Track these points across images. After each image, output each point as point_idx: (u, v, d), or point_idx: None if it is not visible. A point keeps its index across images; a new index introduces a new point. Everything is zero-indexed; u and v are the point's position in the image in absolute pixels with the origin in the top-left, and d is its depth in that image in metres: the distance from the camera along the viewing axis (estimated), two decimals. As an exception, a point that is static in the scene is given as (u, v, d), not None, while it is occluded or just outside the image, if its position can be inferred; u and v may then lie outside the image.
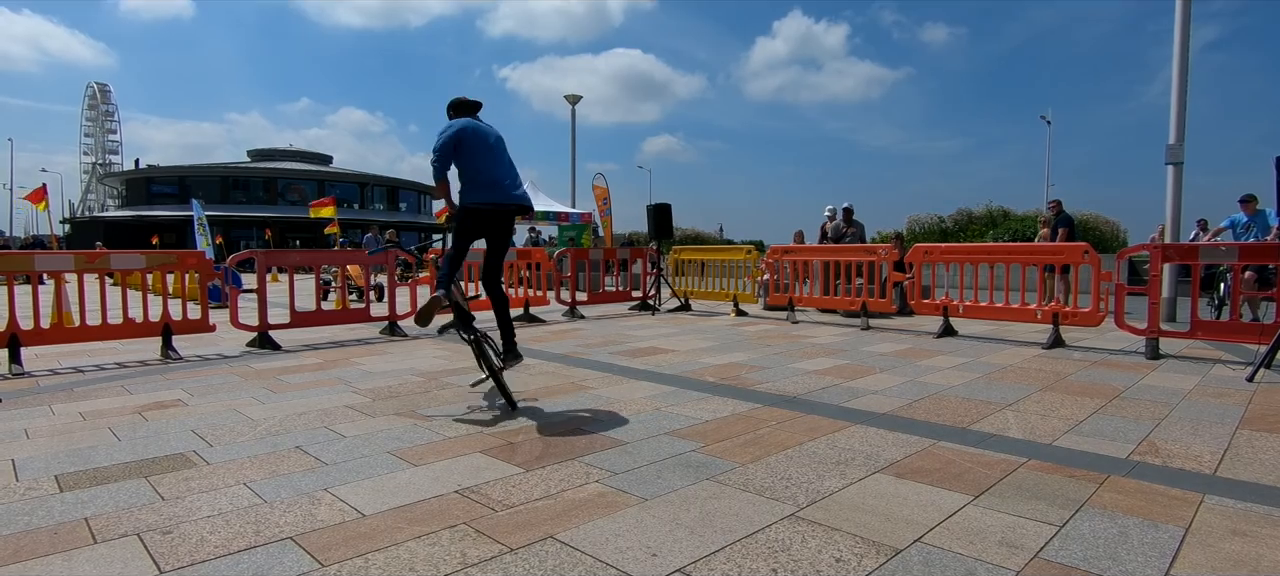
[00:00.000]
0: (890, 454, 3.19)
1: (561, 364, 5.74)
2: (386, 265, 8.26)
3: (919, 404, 4.21)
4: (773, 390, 4.64)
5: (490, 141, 4.27)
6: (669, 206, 11.61)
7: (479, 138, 4.23)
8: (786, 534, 2.30)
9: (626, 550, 2.18)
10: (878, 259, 8.56)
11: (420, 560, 2.11)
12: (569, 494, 2.68)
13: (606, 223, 18.22)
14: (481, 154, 4.21)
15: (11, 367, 5.45)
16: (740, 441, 3.41)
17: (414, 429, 3.68)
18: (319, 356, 6.22)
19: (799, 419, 3.86)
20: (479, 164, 4.19)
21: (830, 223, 11.90)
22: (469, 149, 4.18)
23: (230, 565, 2.09)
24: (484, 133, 4.28)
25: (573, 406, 4.18)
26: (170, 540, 2.27)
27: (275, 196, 57.81)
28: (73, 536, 2.30)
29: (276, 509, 2.54)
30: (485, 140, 4.25)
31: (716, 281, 11.26)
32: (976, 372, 5.24)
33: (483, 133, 4.27)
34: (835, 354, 6.20)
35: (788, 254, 9.75)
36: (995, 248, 9.21)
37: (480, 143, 4.22)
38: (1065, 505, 2.54)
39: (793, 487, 2.74)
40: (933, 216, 21.93)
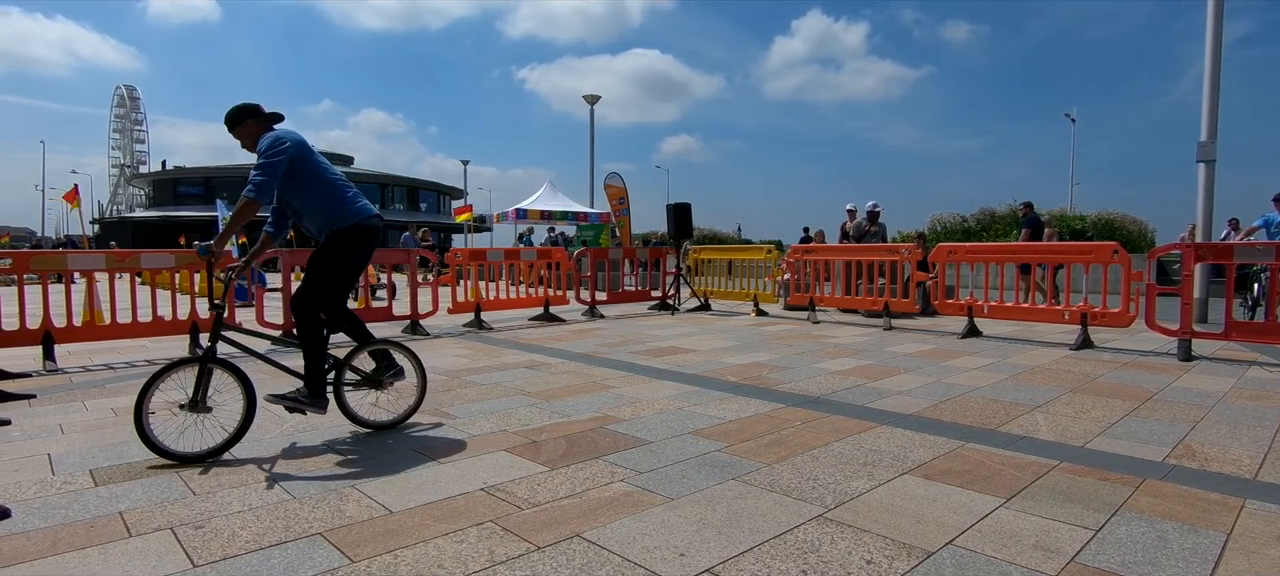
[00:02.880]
0: (918, 455, 3.15)
1: (582, 363, 5.74)
2: (408, 264, 8.33)
3: (945, 405, 4.15)
4: (796, 390, 4.60)
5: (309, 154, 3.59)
6: (689, 205, 11.59)
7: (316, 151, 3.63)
8: (815, 535, 2.28)
9: (654, 549, 2.17)
10: (900, 259, 8.46)
11: (448, 557, 2.12)
12: (594, 493, 2.68)
13: (623, 222, 18.22)
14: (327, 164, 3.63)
15: (46, 364, 5.57)
16: (765, 441, 3.39)
17: (438, 427, 3.70)
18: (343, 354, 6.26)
19: (823, 419, 3.82)
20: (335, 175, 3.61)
21: (851, 221, 11.79)
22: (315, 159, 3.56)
23: (262, 560, 2.11)
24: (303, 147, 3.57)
25: (595, 405, 4.17)
26: (202, 535, 2.30)
27: (298, 197, 58.48)
28: (108, 530, 2.34)
29: (305, 504, 2.56)
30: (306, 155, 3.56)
31: (736, 281, 11.22)
32: (1003, 373, 5.16)
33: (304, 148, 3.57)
34: (858, 354, 6.14)
35: (808, 253, 9.68)
36: (1021, 247, 9.07)
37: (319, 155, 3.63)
38: (1100, 509, 2.49)
39: (820, 488, 2.72)
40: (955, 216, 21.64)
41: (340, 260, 3.56)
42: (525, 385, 4.79)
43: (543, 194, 21.96)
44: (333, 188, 3.58)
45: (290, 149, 3.46)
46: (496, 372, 5.28)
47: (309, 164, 3.53)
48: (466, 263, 9.32)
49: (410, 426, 3.70)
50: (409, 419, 3.77)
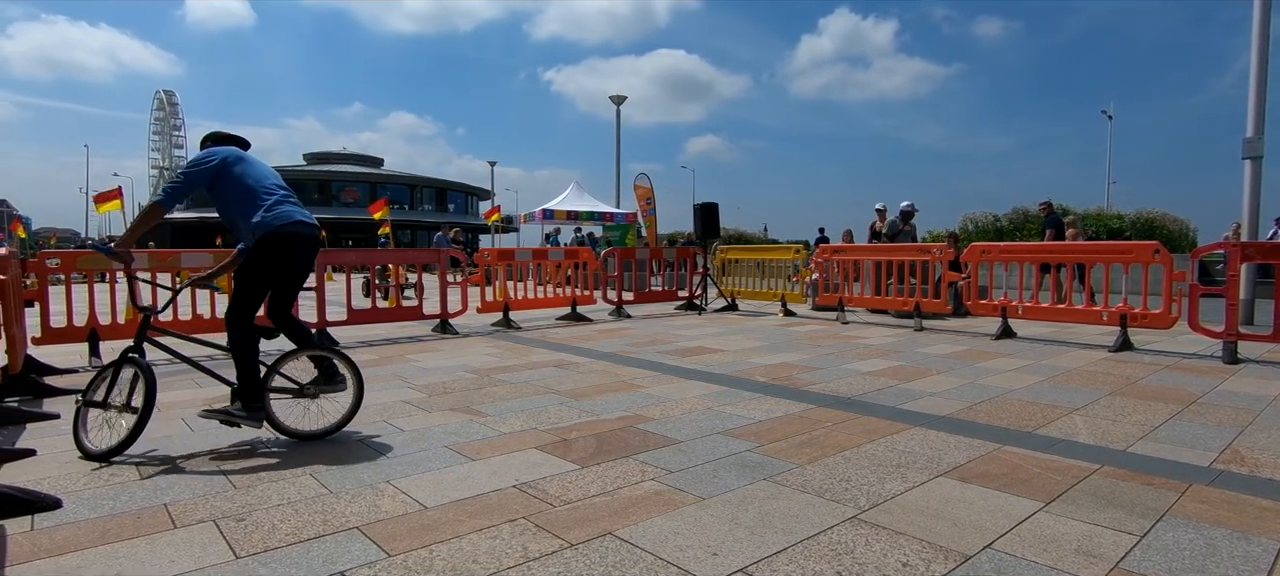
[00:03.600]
0: (953, 457, 3.10)
1: (610, 362, 5.76)
2: (438, 263, 8.43)
3: (980, 406, 4.08)
4: (826, 391, 4.56)
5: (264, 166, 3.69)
6: (716, 205, 11.55)
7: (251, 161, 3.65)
8: (849, 536, 2.25)
9: (686, 548, 2.16)
10: (932, 258, 8.34)
11: (483, 553, 2.14)
12: (625, 491, 2.68)
13: (650, 222, 18.23)
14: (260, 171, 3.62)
15: (92, 360, 5.75)
16: (796, 442, 3.36)
17: (470, 424, 3.73)
18: (375, 353, 6.37)
19: (855, 420, 3.78)
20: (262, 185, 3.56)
21: (881, 221, 11.65)
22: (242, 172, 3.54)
23: (301, 553, 2.15)
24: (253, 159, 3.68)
25: (624, 405, 4.18)
26: (244, 527, 2.35)
27: (330, 198, 59.66)
28: (154, 521, 2.41)
29: (342, 499, 2.61)
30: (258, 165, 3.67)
31: (764, 281, 11.15)
32: (1040, 375, 5.05)
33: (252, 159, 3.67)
34: (889, 355, 6.07)
35: (837, 253, 9.59)
36: (1057, 247, 8.87)
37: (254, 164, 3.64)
38: (1145, 514, 2.42)
39: (853, 489, 2.69)
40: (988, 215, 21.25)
41: (256, 269, 3.51)
42: (554, 384, 4.82)
43: (569, 194, 22.06)
44: (254, 197, 3.51)
45: (216, 163, 3.51)
46: (526, 371, 5.31)
47: (232, 177, 3.52)
48: (495, 263, 9.40)
49: (443, 423, 3.74)
50: (338, 431, 3.53)
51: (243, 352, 3.45)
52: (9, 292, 4.74)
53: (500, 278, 9.18)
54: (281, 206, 3.53)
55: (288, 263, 3.57)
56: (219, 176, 3.51)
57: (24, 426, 3.77)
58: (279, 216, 3.49)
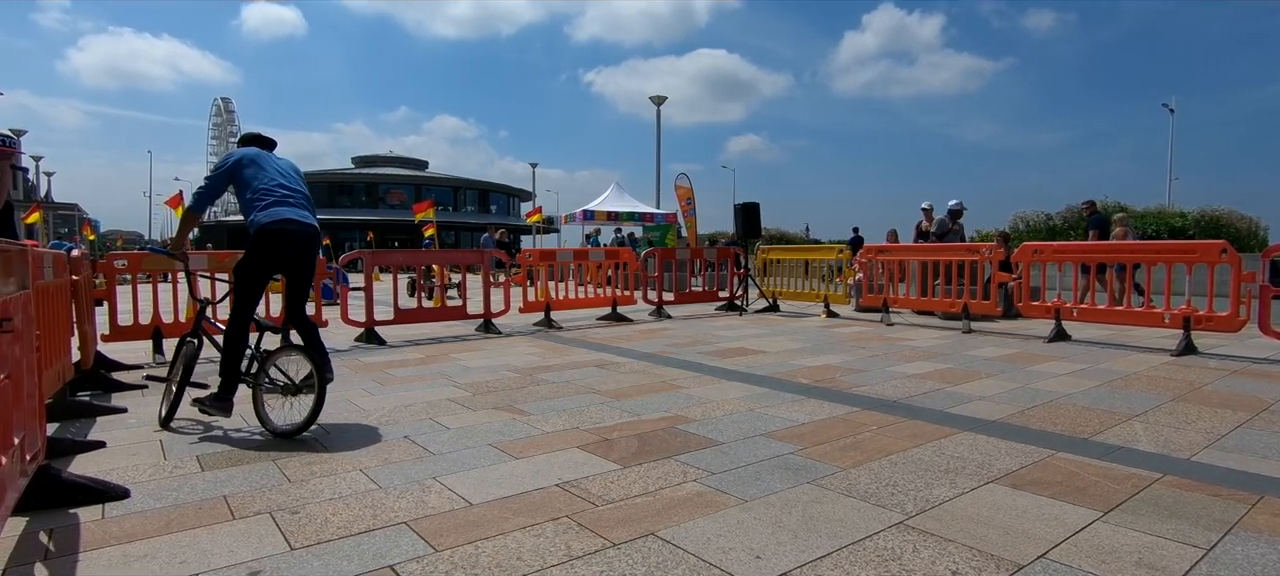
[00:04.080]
0: (1004, 463, 3.01)
1: (651, 363, 5.76)
2: (481, 264, 8.56)
3: (1033, 411, 3.96)
4: (871, 393, 4.48)
5: (275, 164, 3.86)
6: (757, 205, 11.46)
7: (264, 161, 3.83)
8: (896, 542, 2.21)
9: (729, 550, 2.15)
10: (981, 258, 8.12)
11: (527, 550, 2.17)
12: (667, 492, 2.68)
13: (691, 223, 18.18)
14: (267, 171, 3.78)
15: (155, 357, 6.01)
16: (839, 445, 3.31)
17: (513, 423, 3.78)
18: (421, 352, 6.51)
19: (901, 423, 3.71)
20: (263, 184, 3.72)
21: (928, 220, 11.38)
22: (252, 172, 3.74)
23: (352, 546, 2.21)
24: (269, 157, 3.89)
25: (665, 405, 4.18)
26: (298, 520, 2.43)
27: (376, 200, 61.16)
28: (215, 512, 2.51)
29: (390, 494, 2.67)
30: (271, 164, 3.84)
31: (806, 281, 11.01)
32: (1096, 380, 4.87)
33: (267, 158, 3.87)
34: (936, 357, 5.93)
35: (882, 253, 9.41)
36: (1115, 246, 8.54)
37: (267, 164, 3.82)
38: (1211, 526, 2.31)
39: (899, 494, 2.64)
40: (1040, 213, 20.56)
41: (248, 264, 3.68)
42: (596, 383, 4.84)
43: (609, 195, 22.16)
44: (256, 197, 3.68)
45: (229, 166, 3.77)
46: (567, 371, 5.36)
47: (242, 178, 3.73)
48: (537, 263, 9.51)
49: (487, 421, 3.80)
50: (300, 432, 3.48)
51: (228, 344, 3.62)
52: (81, 292, 5.00)
53: (542, 278, 9.28)
54: (277, 206, 3.67)
55: (278, 258, 3.72)
56: (233, 178, 3.76)
57: (94, 419, 3.96)
58: (271, 215, 3.64)
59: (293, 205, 3.73)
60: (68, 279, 4.70)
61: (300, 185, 3.88)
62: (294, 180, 3.86)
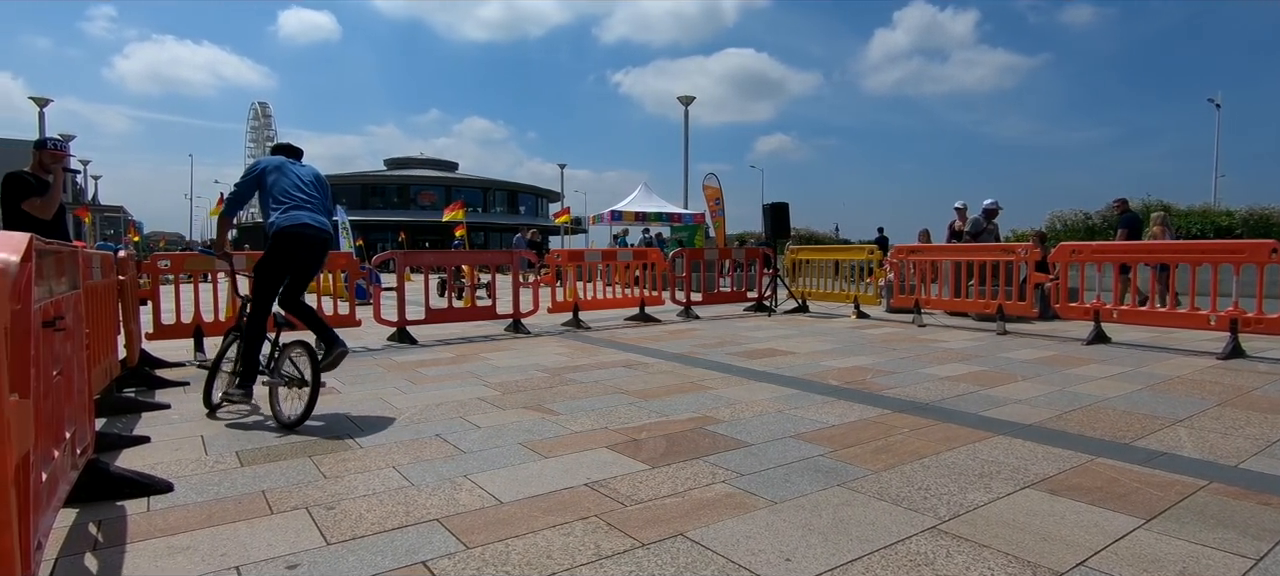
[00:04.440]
0: (1041, 468, 2.94)
1: (679, 363, 5.76)
2: (510, 264, 8.64)
3: (1071, 415, 3.86)
4: (902, 395, 4.42)
5: (296, 172, 4.11)
6: (786, 205, 11.38)
7: (287, 168, 4.09)
8: (928, 547, 2.18)
9: (759, 553, 2.14)
10: (1017, 259, 7.95)
11: (557, 549, 2.18)
12: (696, 493, 2.68)
13: (719, 223, 18.11)
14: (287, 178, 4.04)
15: (196, 355, 6.18)
16: (871, 447, 3.27)
17: (542, 422, 3.81)
18: (452, 351, 6.59)
19: (934, 426, 3.65)
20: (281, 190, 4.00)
21: (961, 220, 11.18)
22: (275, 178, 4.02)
23: (386, 541, 2.25)
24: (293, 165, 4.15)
25: (693, 406, 4.17)
26: (334, 515, 2.48)
27: (408, 201, 62.12)
28: (253, 507, 2.57)
29: (423, 492, 2.71)
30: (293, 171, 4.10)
31: (835, 282, 10.90)
32: (1137, 383, 4.73)
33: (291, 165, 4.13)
34: (969, 359, 5.82)
35: (913, 253, 9.27)
36: (1157, 246, 8.30)
37: (288, 171, 4.07)
38: (1261, 536, 2.23)
39: (932, 498, 2.60)
40: (1078, 213, 20.04)
41: (266, 264, 3.96)
42: (624, 384, 4.86)
43: (637, 195, 22.18)
44: (275, 202, 3.99)
45: (256, 174, 4.08)
46: (595, 371, 5.38)
47: (265, 185, 4.04)
48: (565, 264, 9.56)
49: (516, 420, 3.83)
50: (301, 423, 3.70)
51: (247, 336, 3.92)
52: (128, 292, 5.16)
53: (570, 278, 9.33)
54: (294, 210, 3.96)
55: (293, 258, 3.99)
56: (258, 185, 4.06)
57: (139, 415, 4.08)
58: (288, 218, 3.94)
59: (308, 210, 4.01)
60: (115, 279, 4.86)
61: (316, 192, 4.13)
62: (311, 187, 4.11)
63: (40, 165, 4.66)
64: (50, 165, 4.68)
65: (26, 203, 4.47)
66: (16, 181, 4.54)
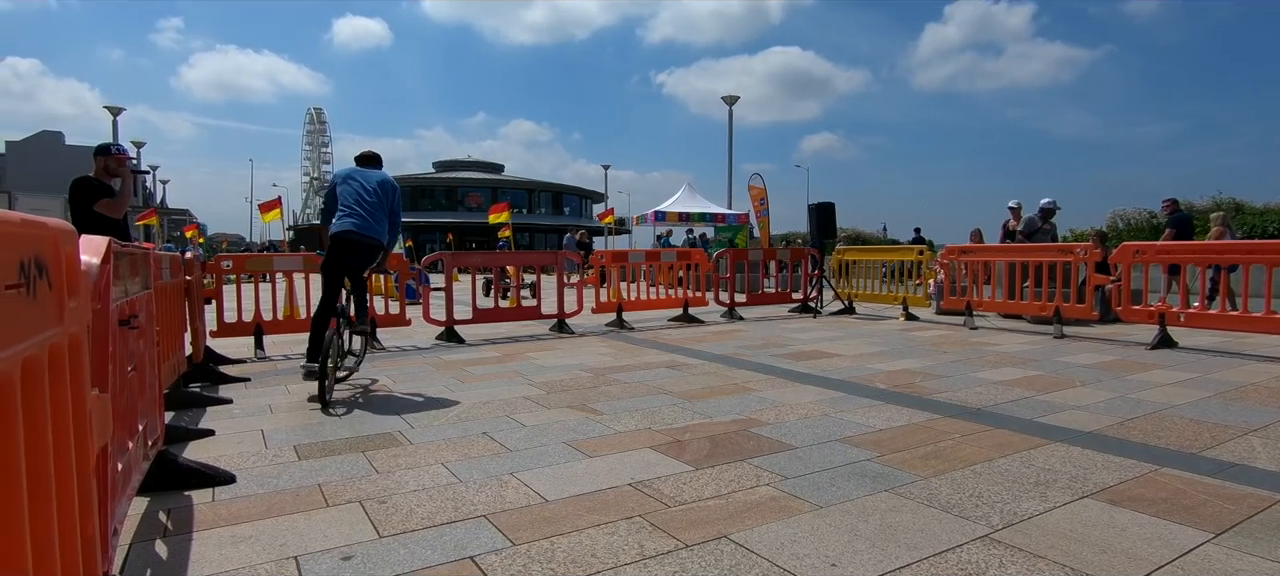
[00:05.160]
0: (1100, 477, 2.84)
1: (722, 365, 5.73)
2: (555, 265, 8.74)
3: (1133, 423, 3.71)
4: (953, 400, 4.31)
5: (360, 179, 4.71)
6: (832, 205, 11.22)
7: (355, 177, 4.72)
8: (980, 556, 2.12)
9: (804, 557, 2.12)
10: (1075, 259, 7.65)
11: (601, 548, 2.20)
12: (740, 495, 2.67)
13: (763, 223, 17.95)
14: (351, 188, 4.66)
15: (256, 352, 6.43)
16: (920, 453, 3.20)
17: (586, 422, 3.85)
18: (498, 350, 6.71)
19: (986, 432, 3.55)
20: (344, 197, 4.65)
21: (1015, 219, 10.84)
22: (342, 186, 4.69)
23: (435, 536, 2.31)
24: (362, 174, 4.76)
25: (737, 408, 4.15)
26: (386, 509, 2.55)
27: (456, 203, 63.38)
28: (310, 499, 2.67)
29: (470, 488, 2.77)
30: (360, 180, 4.71)
31: (883, 283, 10.69)
32: (1207, 390, 4.51)
33: (360, 174, 4.75)
34: (1024, 363, 5.64)
35: (965, 254, 9.02)
36: (1228, 246, 7.89)
37: (356, 180, 4.69)
38: (1343, 554, 2.11)
39: (984, 506, 2.53)
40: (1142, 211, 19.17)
41: (324, 263, 4.71)
42: (667, 384, 4.86)
43: (681, 196, 22.16)
44: (337, 210, 4.64)
45: (331, 183, 4.78)
46: (639, 371, 5.40)
47: (335, 193, 4.70)
48: (609, 264, 9.62)
49: (561, 420, 3.88)
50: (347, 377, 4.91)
51: (314, 323, 4.58)
52: (194, 292, 5.41)
53: (614, 279, 9.38)
54: (344, 217, 4.59)
55: (342, 258, 4.65)
56: (332, 193, 4.71)
57: (204, 409, 4.27)
58: (338, 225, 4.60)
59: (355, 217, 4.59)
60: (182, 279, 5.10)
61: (374, 198, 4.67)
62: (372, 194, 4.67)
63: (105, 170, 4.83)
64: (114, 169, 4.86)
65: (99, 205, 4.69)
66: (86, 186, 4.73)
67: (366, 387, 4.90)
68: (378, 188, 4.70)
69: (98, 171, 4.84)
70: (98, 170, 4.84)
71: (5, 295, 0.93)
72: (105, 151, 4.94)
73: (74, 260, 1.31)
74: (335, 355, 4.45)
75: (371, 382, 5.08)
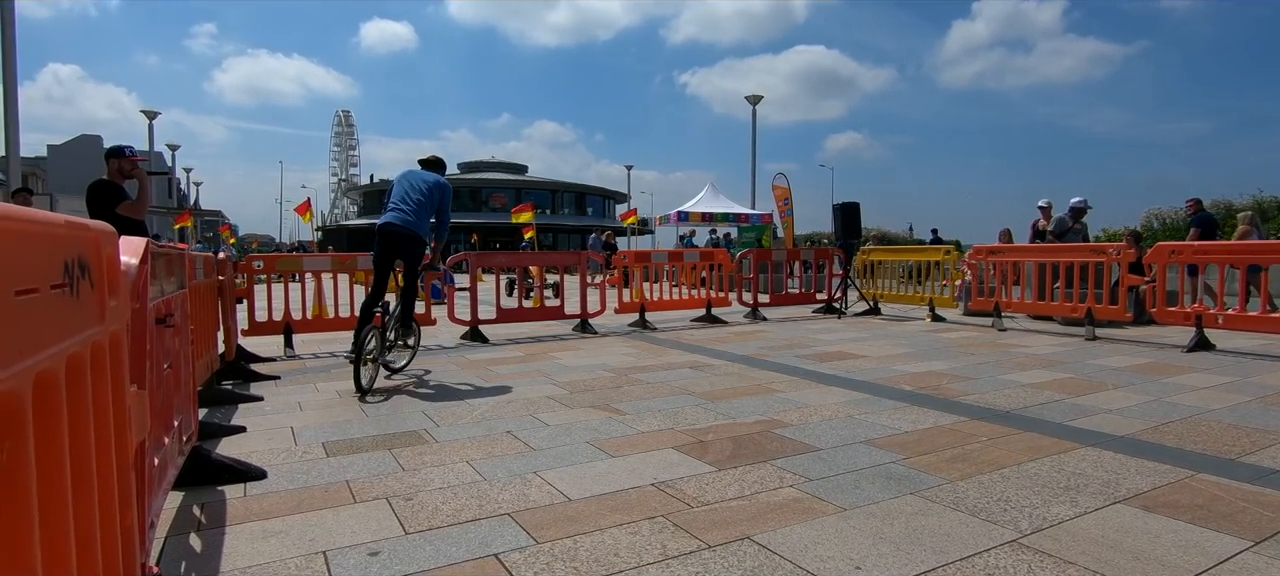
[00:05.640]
0: (1134, 482, 2.77)
1: (746, 365, 5.71)
2: (578, 265, 8.77)
3: (1168, 427, 3.62)
4: (980, 402, 4.25)
5: (411, 179, 5.10)
6: (857, 205, 11.11)
7: (410, 176, 5.12)
8: (1008, 561, 2.09)
9: (827, 559, 2.11)
10: (1108, 259, 7.49)
11: (624, 547, 2.21)
12: (763, 496, 2.66)
13: (787, 223, 17.83)
14: (402, 186, 5.08)
15: (286, 351, 6.56)
16: (946, 456, 3.16)
17: (609, 421, 3.86)
18: (521, 350, 6.75)
19: (1014, 435, 3.49)
20: (391, 195, 5.12)
21: (1045, 219, 10.64)
22: (396, 184, 5.14)
23: (460, 533, 2.34)
24: (417, 174, 5.15)
25: (761, 409, 4.14)
26: (412, 506, 2.59)
27: (480, 204, 63.92)
28: (338, 496, 2.71)
29: (494, 486, 2.80)
30: (413, 179, 5.10)
31: (909, 284, 10.56)
32: (1246, 394, 4.39)
33: (415, 174, 5.15)
34: (1054, 366, 5.53)
35: (993, 254, 8.88)
36: (1271, 245, 7.66)
37: (409, 179, 5.10)
38: (1389, 564, 2.04)
39: (1012, 511, 2.49)
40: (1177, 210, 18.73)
41: (373, 255, 5.11)
42: (690, 385, 4.86)
43: (704, 196, 22.11)
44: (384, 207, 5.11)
45: (391, 184, 5.27)
46: (662, 372, 5.40)
47: (389, 191, 5.13)
48: (632, 264, 9.63)
49: (584, 419, 3.90)
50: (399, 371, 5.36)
51: (361, 313, 4.93)
52: (226, 291, 5.53)
53: (637, 279, 9.39)
54: (390, 211, 5.00)
55: (385, 249, 5.01)
56: (388, 190, 5.15)
57: (236, 406, 4.37)
58: (382, 218, 5.03)
59: (394, 212, 4.97)
60: (215, 279, 5.22)
61: (418, 195, 5.00)
62: (415, 192, 5.01)
63: (119, 172, 4.84)
64: (129, 171, 4.87)
65: (121, 208, 4.69)
66: (107, 188, 4.74)
67: (393, 385, 4.97)
68: (428, 187, 5.03)
69: (112, 173, 4.84)
70: (112, 172, 4.84)
71: (50, 295, 0.97)
72: (119, 154, 4.93)
73: (114, 261, 1.36)
74: (375, 348, 4.77)
75: (398, 380, 5.15)
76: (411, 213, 4.92)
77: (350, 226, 64.77)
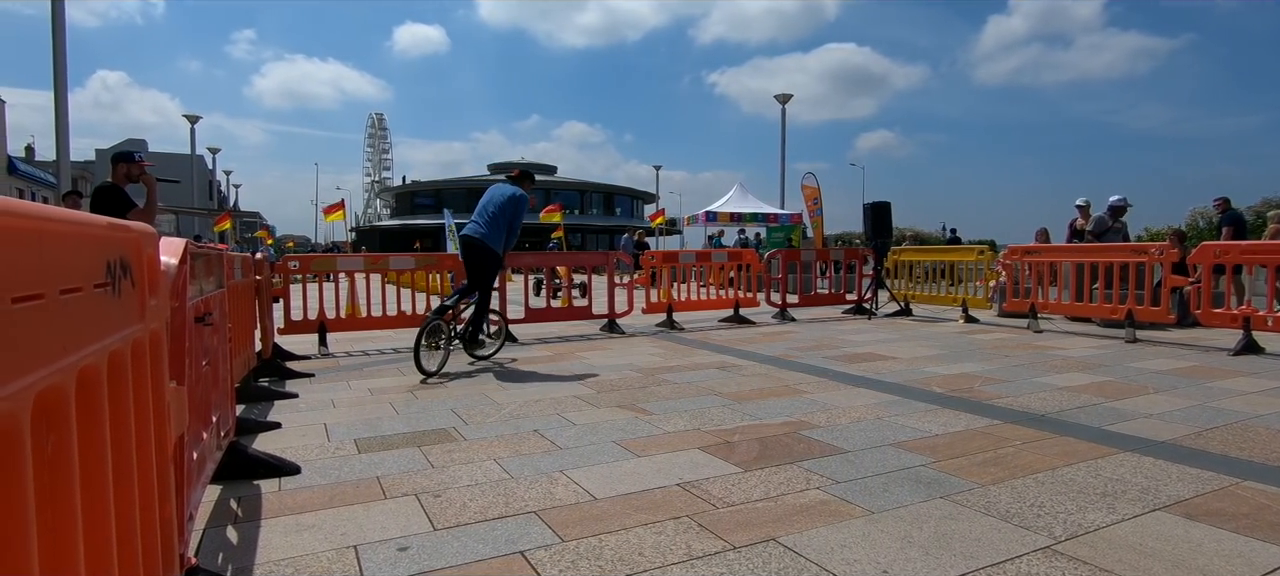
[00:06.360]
0: (1175, 489, 2.69)
1: (773, 366, 5.67)
2: (606, 266, 8.80)
3: (1212, 433, 3.51)
4: (1014, 405, 4.16)
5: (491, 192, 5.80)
6: (888, 204, 10.96)
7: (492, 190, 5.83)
8: (1041, 568, 2.05)
9: (854, 563, 2.09)
10: (1150, 259, 7.27)
11: (648, 547, 2.22)
12: (789, 498, 2.64)
13: (817, 223, 17.66)
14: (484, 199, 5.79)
15: (320, 349, 6.70)
16: (978, 459, 3.11)
17: (635, 421, 3.87)
18: (549, 349, 6.80)
19: (1049, 439, 3.42)
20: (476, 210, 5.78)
21: (1083, 218, 10.37)
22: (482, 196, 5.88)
23: (487, 530, 2.36)
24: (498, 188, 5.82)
25: (788, 410, 4.11)
26: (440, 503, 2.63)
27: (509, 204, 64.48)
28: (369, 491, 2.77)
29: (521, 484, 2.83)
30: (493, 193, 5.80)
31: (941, 285, 10.38)
32: (1296, 400, 4.23)
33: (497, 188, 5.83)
34: (1092, 369, 5.39)
35: (1029, 254, 8.68)
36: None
37: (491, 193, 5.81)
38: None
39: (1046, 517, 2.43)
40: (1224, 208, 18.09)
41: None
42: (717, 386, 4.84)
43: (733, 196, 22.00)
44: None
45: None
46: (689, 372, 5.40)
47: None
48: (660, 265, 9.63)
49: (610, 419, 3.91)
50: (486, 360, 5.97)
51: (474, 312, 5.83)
52: (263, 291, 5.67)
53: (664, 279, 9.39)
54: (470, 223, 5.70)
55: (466, 257, 5.73)
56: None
57: (272, 403, 4.47)
58: (464, 229, 5.74)
59: (474, 224, 5.66)
60: (253, 279, 5.35)
61: (493, 208, 5.62)
62: (492, 204, 5.65)
63: (126, 176, 4.84)
64: (136, 176, 4.88)
65: (131, 215, 4.67)
66: (115, 193, 4.75)
67: (422, 385, 5.04)
68: (503, 200, 5.63)
69: (118, 178, 4.82)
70: (118, 176, 4.82)
71: (93, 293, 1.00)
72: (127, 158, 4.92)
73: (155, 261, 1.40)
74: (438, 339, 5.41)
75: (426, 378, 5.23)
76: (485, 225, 5.55)
77: (382, 227, 65.85)
